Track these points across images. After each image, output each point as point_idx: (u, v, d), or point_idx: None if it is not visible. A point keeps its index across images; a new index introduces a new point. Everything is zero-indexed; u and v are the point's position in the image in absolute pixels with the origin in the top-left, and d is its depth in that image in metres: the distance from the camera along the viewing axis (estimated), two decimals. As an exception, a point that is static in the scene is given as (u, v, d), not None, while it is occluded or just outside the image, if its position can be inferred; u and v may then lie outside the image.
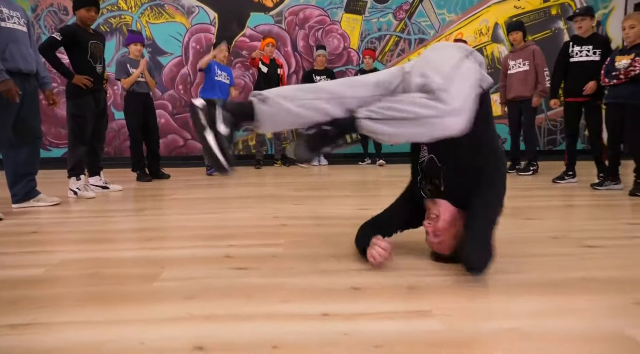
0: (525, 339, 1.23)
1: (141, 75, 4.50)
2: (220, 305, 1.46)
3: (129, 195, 3.79)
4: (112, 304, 1.49)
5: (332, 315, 1.39)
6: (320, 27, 6.43)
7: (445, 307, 1.44)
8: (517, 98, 4.75)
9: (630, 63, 3.39)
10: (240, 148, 6.58)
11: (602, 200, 3.30)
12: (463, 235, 1.70)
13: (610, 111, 3.61)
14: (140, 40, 4.65)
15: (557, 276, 1.71)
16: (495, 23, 6.56)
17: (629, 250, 2.02)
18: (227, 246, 2.17)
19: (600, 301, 1.46)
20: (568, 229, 2.43)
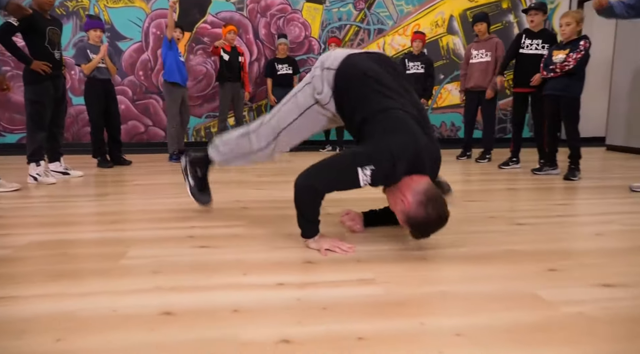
0: (451, 300, 1.44)
1: (102, 61, 4.48)
2: (185, 278, 1.61)
3: (90, 181, 3.82)
4: (82, 279, 1.61)
5: (286, 284, 1.56)
6: (282, 15, 6.51)
7: (387, 275, 1.64)
8: (475, 88, 4.97)
9: (566, 58, 3.70)
10: (202, 135, 6.61)
11: (539, 183, 3.61)
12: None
13: (548, 102, 3.91)
14: (100, 26, 4.61)
15: (486, 249, 1.95)
16: (450, 15, 6.82)
17: (551, 227, 2.29)
18: (190, 227, 2.30)
19: (518, 269, 1.70)
20: (504, 209, 2.69)
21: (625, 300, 1.43)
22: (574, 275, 1.64)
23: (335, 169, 1.84)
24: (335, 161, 1.87)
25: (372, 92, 1.90)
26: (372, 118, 1.86)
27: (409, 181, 1.78)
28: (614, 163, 4.80)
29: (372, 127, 1.85)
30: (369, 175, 1.74)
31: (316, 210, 1.88)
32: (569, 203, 2.90)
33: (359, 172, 1.74)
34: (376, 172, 1.74)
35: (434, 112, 6.99)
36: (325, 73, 2.00)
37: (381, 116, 1.84)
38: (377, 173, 1.74)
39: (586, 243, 2.03)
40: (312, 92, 2.04)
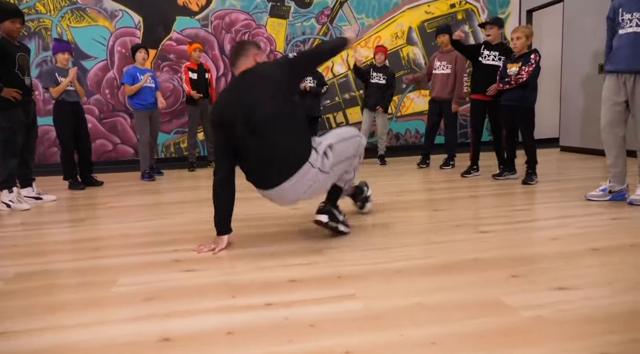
0: (425, 310, 1.59)
1: (70, 84, 4.46)
2: (177, 304, 1.70)
3: (63, 205, 3.81)
4: (78, 310, 1.67)
5: (274, 304, 1.68)
6: (247, 31, 6.61)
7: (366, 290, 1.78)
8: (437, 98, 5.23)
9: (519, 71, 3.96)
10: (172, 151, 6.62)
11: (500, 189, 3.85)
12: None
13: (504, 112, 4.17)
14: (68, 48, 4.59)
15: (454, 258, 2.12)
16: (409, 27, 7.10)
17: (512, 233, 2.50)
18: (173, 251, 2.38)
19: (484, 277, 1.88)
20: (468, 217, 2.88)
21: (577, 302, 1.61)
22: (533, 279, 1.83)
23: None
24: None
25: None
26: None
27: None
28: (568, 165, 5.13)
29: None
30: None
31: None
32: (527, 208, 3.13)
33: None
34: None
35: (398, 120, 7.24)
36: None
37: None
38: None
39: (543, 248, 2.24)
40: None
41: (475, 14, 7.31)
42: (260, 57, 2.45)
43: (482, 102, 4.54)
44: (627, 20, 3.01)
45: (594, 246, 2.21)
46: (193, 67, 5.64)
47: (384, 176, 4.84)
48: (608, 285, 1.75)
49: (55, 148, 5.99)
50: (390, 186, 4.18)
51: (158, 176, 5.34)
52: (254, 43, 2.48)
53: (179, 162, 6.31)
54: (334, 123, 7.05)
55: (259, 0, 6.59)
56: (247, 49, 2.41)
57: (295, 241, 2.47)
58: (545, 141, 7.14)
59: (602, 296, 1.66)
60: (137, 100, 5.07)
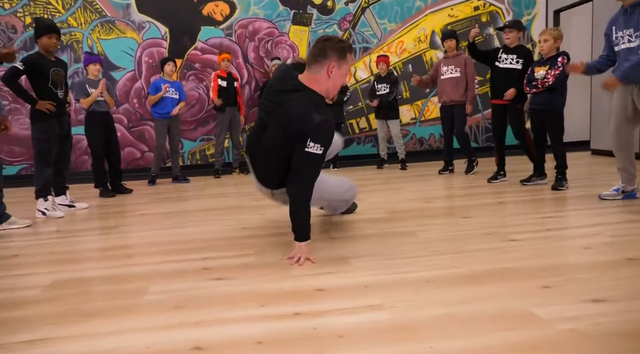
0: (455, 321, 1.58)
1: (100, 95, 4.61)
2: (207, 312, 1.73)
3: (95, 213, 3.92)
4: (113, 317, 1.72)
5: (302, 314, 1.69)
6: (270, 38, 6.69)
7: (393, 300, 1.77)
8: (448, 102, 5.18)
9: (545, 74, 3.90)
10: (197, 158, 6.73)
11: (529, 195, 3.78)
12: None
13: (533, 116, 4.10)
14: (98, 60, 4.78)
15: (483, 268, 2.09)
16: (432, 31, 7.06)
17: (542, 242, 2.45)
18: (203, 259, 2.42)
19: (515, 287, 1.85)
20: (497, 225, 2.84)
21: (614, 315, 1.57)
22: (566, 290, 1.79)
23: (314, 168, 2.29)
24: (310, 163, 2.26)
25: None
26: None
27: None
28: (599, 169, 5.00)
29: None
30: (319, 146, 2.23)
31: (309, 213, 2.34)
32: (557, 215, 3.06)
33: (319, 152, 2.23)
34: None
35: (421, 125, 7.19)
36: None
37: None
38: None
39: (576, 258, 2.19)
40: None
41: (500, 15, 7.21)
42: (339, 69, 2.29)
43: (501, 106, 4.48)
44: (619, 38, 3.24)
45: (629, 255, 2.15)
46: (223, 75, 5.77)
47: (409, 182, 4.82)
48: (645, 296, 1.70)
49: (87, 156, 6.17)
50: (415, 192, 4.16)
51: (184, 183, 5.48)
52: (338, 49, 2.26)
53: (204, 169, 6.40)
54: (357, 129, 7.06)
55: (282, 8, 6.67)
56: (327, 57, 2.26)
57: (322, 250, 2.48)
58: (575, 144, 6.98)
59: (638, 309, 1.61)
60: (156, 109, 5.36)
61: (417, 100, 7.15)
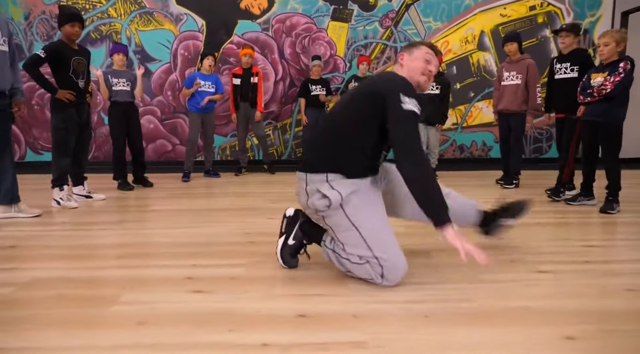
0: (448, 374, 1.30)
1: (124, 84, 4.57)
2: (168, 334, 1.54)
3: (110, 205, 3.86)
4: (67, 329, 1.56)
5: (271, 346, 1.46)
6: (307, 34, 6.48)
7: (382, 338, 1.51)
8: (505, 110, 4.74)
9: (603, 81, 3.45)
10: (227, 154, 6.65)
11: (572, 217, 3.36)
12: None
13: (585, 128, 3.65)
14: (123, 50, 4.70)
15: (498, 305, 1.78)
16: (481, 31, 6.61)
17: (577, 276, 2.09)
18: (191, 266, 2.24)
19: (530, 334, 1.53)
20: (527, 251, 2.49)
21: (650, 385, 1.24)
22: (595, 346, 1.46)
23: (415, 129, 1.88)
24: (409, 124, 1.87)
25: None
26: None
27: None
28: (659, 191, 4.46)
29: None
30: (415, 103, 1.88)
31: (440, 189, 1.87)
32: (602, 244, 2.66)
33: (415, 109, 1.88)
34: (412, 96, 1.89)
35: (463, 131, 6.76)
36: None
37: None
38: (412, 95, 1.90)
39: (615, 302, 1.82)
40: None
41: (558, 16, 6.66)
42: (409, 55, 2.09)
43: (561, 119, 4.10)
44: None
45: (683, 304, 1.77)
46: (238, 73, 5.63)
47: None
48: (698, 364, 1.35)
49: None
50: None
51: (215, 178, 5.44)
52: (407, 45, 2.15)
53: (234, 165, 6.28)
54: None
55: (322, 3, 6.44)
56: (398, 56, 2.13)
57: (320, 266, 2.23)
58: (634, 161, 6.34)
59: (688, 380, 1.27)
60: (192, 102, 5.28)
61: (460, 105, 6.73)
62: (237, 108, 5.68)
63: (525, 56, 4.71)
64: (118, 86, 4.59)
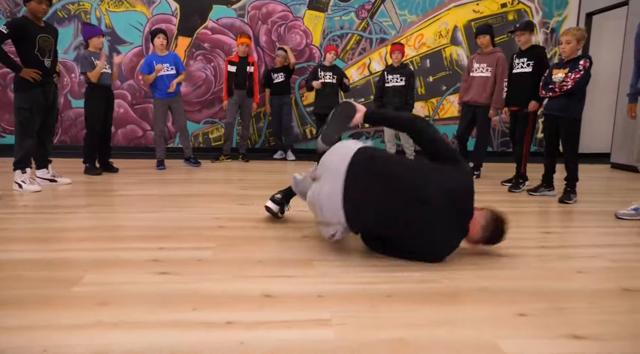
0: (406, 350, 1.35)
1: (106, 66, 4.44)
2: (130, 312, 1.54)
3: (75, 189, 3.78)
4: (25, 309, 1.54)
5: (234, 323, 1.48)
6: (283, 22, 6.45)
7: (344, 316, 1.55)
8: (472, 102, 4.80)
9: (564, 77, 3.57)
10: (200, 141, 6.57)
11: (533, 206, 3.49)
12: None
13: (547, 122, 3.79)
14: (101, 33, 4.55)
15: (458, 285, 1.85)
16: (454, 26, 6.71)
17: (534, 260, 2.19)
18: (158, 248, 2.24)
19: (487, 313, 1.61)
20: (489, 237, 2.58)
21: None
22: (544, 322, 1.54)
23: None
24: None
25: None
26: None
27: None
28: (616, 184, 4.66)
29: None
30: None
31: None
32: (558, 231, 2.78)
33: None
34: None
35: (436, 123, 6.88)
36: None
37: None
38: None
39: (566, 282, 1.92)
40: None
41: (528, 15, 6.82)
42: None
43: (513, 113, 4.25)
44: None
45: (627, 285, 1.88)
46: (234, 60, 5.58)
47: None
48: (635, 337, 1.45)
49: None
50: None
51: (195, 166, 5.27)
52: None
53: (207, 153, 6.21)
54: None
55: (298, -8, 6.41)
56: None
57: (289, 250, 2.27)
58: (594, 156, 6.60)
59: (624, 352, 1.36)
60: (154, 87, 5.06)
61: (432, 98, 6.84)
62: (230, 95, 5.61)
63: (496, 49, 4.79)
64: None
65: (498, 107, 4.69)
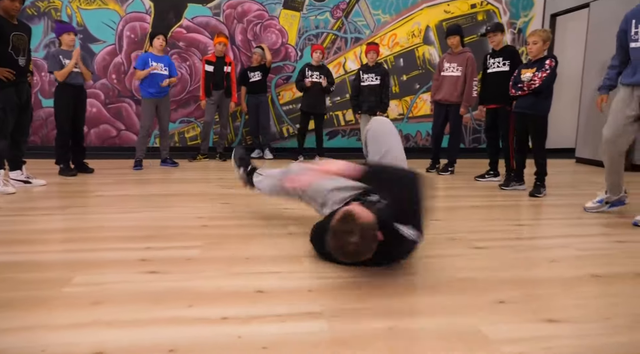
0: (395, 338, 1.42)
1: (76, 66, 4.36)
2: (125, 311, 1.56)
3: (50, 191, 3.72)
4: (20, 311, 1.55)
5: (230, 319, 1.53)
6: (259, 22, 6.46)
7: (335, 308, 1.62)
8: (443, 100, 4.97)
9: (532, 76, 3.74)
10: (176, 140, 6.52)
11: (504, 200, 3.64)
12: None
13: (516, 119, 3.96)
14: (73, 29, 4.48)
15: (440, 276, 1.94)
16: (426, 26, 6.87)
17: (509, 251, 2.31)
18: (144, 248, 2.25)
19: (468, 301, 1.70)
20: (465, 230, 2.69)
21: (567, 338, 1.43)
22: (521, 308, 1.64)
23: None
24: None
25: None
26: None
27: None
28: (582, 178, 4.88)
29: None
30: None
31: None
32: (530, 223, 2.93)
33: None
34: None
35: (409, 121, 7.03)
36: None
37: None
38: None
39: (540, 271, 2.04)
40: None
41: (496, 15, 7.04)
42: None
43: (492, 110, 4.39)
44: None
45: (595, 272, 2.01)
46: (211, 60, 5.57)
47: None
48: (605, 320, 1.56)
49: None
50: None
51: (173, 167, 5.21)
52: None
53: (182, 152, 6.17)
54: (342, 121, 6.88)
55: (274, -9, 6.44)
56: None
57: (276, 246, 2.32)
58: (561, 151, 6.87)
59: (596, 333, 1.47)
60: (145, 86, 5.01)
61: (406, 96, 6.98)
62: (208, 95, 5.62)
63: (466, 49, 4.96)
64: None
65: (468, 104, 4.88)
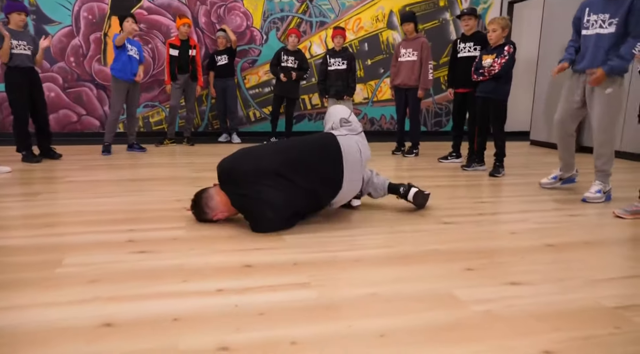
0: (378, 301, 1.58)
1: (25, 48, 4.21)
2: (124, 287, 1.64)
3: (17, 178, 3.65)
4: (17, 291, 1.59)
5: (225, 290, 1.63)
6: (223, 4, 6.40)
7: (321, 279, 1.75)
8: (402, 85, 5.18)
9: (492, 62, 3.96)
10: (140, 125, 6.42)
11: (467, 180, 3.87)
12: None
13: (479, 103, 4.17)
14: (24, 9, 4.31)
15: (414, 249, 2.11)
16: (390, 10, 7.00)
17: (473, 226, 2.51)
18: (128, 230, 2.30)
19: (441, 269, 1.88)
20: (433, 208, 2.88)
21: (527, 298, 1.63)
22: (487, 273, 1.83)
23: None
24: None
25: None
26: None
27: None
28: (536, 159, 5.21)
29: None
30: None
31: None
32: (491, 201, 3.16)
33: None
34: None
35: (373, 105, 7.20)
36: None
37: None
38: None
39: (501, 242, 2.25)
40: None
41: (457, 2, 7.26)
42: None
43: (461, 95, 4.56)
44: (592, 22, 3.10)
45: (550, 242, 2.24)
46: (175, 43, 5.51)
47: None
48: (559, 281, 1.77)
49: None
50: (359, 172, 4.15)
51: (140, 152, 5.14)
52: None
53: (147, 137, 6.09)
54: (309, 105, 6.97)
55: (238, -27, 6.38)
56: None
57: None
58: (517, 134, 7.23)
59: (552, 292, 1.67)
60: (117, 67, 4.87)
61: (371, 80, 7.13)
62: (174, 79, 5.57)
63: (420, 35, 5.18)
64: (18, 49, 4.22)
65: (425, 87, 5.11)
